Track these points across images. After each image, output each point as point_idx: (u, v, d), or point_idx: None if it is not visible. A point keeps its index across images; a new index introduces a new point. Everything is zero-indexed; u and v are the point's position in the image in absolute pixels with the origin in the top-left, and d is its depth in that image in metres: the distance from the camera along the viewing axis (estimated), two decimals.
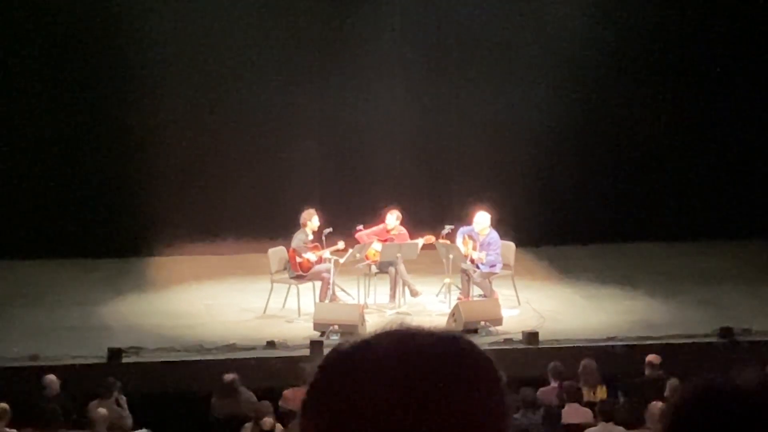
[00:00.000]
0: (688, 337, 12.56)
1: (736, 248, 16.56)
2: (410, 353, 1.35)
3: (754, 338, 12.55)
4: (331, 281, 13.24)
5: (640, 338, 12.45)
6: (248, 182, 16.68)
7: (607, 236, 16.89)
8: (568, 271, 15.43)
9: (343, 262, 13.30)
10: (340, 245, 13.34)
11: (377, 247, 13.48)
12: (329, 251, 13.34)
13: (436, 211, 15.35)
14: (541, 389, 10.78)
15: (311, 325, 12.60)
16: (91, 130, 16.34)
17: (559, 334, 12.65)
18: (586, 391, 10.76)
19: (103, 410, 10.03)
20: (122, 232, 16.22)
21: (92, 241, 16.01)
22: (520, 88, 16.93)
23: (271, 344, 12.18)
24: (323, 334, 12.34)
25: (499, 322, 12.72)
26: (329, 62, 16.69)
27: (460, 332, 1.44)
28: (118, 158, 16.38)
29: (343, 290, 13.73)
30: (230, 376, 10.81)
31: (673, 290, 14.40)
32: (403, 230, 13.79)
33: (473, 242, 13.51)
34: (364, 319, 12.53)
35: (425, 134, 17.04)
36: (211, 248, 16.28)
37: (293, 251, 13.41)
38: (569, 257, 16.13)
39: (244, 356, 11.94)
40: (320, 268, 13.39)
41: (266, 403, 10.28)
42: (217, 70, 16.53)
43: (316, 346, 11.66)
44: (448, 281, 13.47)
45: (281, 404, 10.57)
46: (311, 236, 13.46)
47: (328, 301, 13.19)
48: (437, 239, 13.61)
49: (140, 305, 13.95)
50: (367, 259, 13.53)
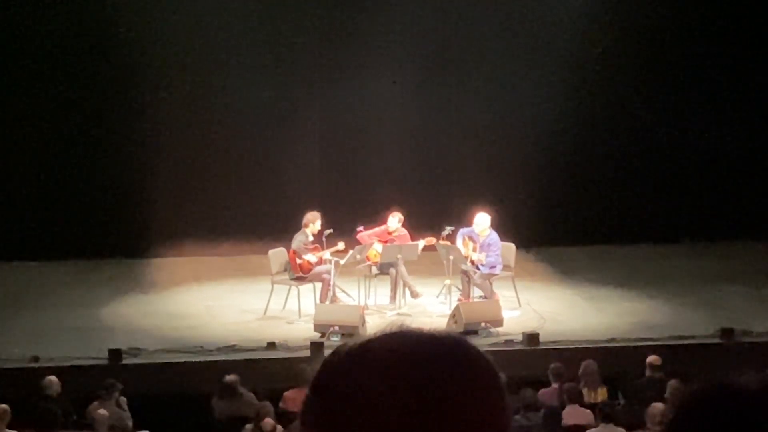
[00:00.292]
0: (688, 338, 12.56)
1: (736, 249, 16.56)
2: (410, 355, 1.35)
3: (754, 339, 12.54)
4: (331, 282, 13.23)
5: (640, 339, 12.44)
6: (249, 183, 16.68)
7: (607, 237, 16.89)
8: (568, 272, 15.42)
9: (343, 263, 13.30)
10: (340, 246, 13.34)
11: (378, 248, 13.47)
12: (329, 252, 13.34)
13: (436, 212, 15.34)
14: (541, 390, 10.78)
15: (312, 326, 12.60)
16: (92, 131, 16.34)
17: (559, 335, 12.65)
18: (586, 392, 10.77)
19: (103, 411, 10.03)
20: (123, 233, 16.21)
21: (93, 242, 16.01)
22: (520, 89, 16.92)
23: (271, 345, 12.18)
24: (324, 335, 12.33)
25: (499, 323, 12.72)
26: (330, 64, 16.69)
27: (459, 334, 1.44)
28: (119, 159, 16.38)
29: (343, 291, 13.72)
30: (231, 377, 10.80)
31: (673, 291, 14.40)
32: (404, 231, 13.78)
33: (473, 243, 13.51)
34: (364, 320, 12.53)
35: (426, 135, 17.04)
36: (211, 249, 16.28)
37: (293, 252, 13.41)
38: (570, 258, 16.13)
39: (244, 357, 11.94)
40: (321, 269, 13.38)
41: (267, 404, 10.28)
42: (217, 71, 16.53)
43: (316, 347, 11.65)
44: (448, 282, 13.46)
45: (282, 405, 10.57)
46: (311, 238, 13.46)
47: (328, 302, 13.18)
48: (437, 240, 13.61)
49: (141, 306, 13.95)
50: (367, 260, 13.53)
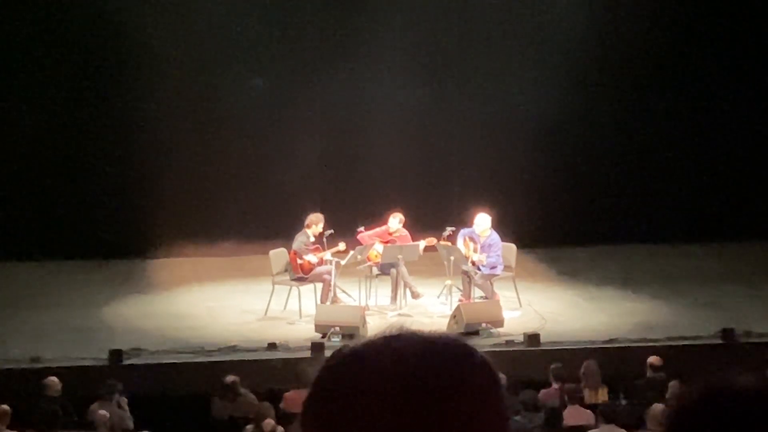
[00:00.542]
0: (689, 338, 12.55)
1: (737, 250, 16.57)
2: (410, 357, 1.36)
3: (755, 340, 12.54)
4: (332, 283, 13.24)
5: (641, 340, 12.44)
6: (250, 184, 16.68)
7: (608, 238, 16.89)
8: (569, 272, 15.43)
9: (344, 263, 13.30)
10: (341, 247, 13.34)
11: (379, 248, 13.47)
12: (330, 253, 13.34)
13: (436, 212, 15.35)
14: (542, 391, 10.78)
15: (312, 326, 12.60)
16: (92, 131, 16.35)
17: (560, 335, 12.65)
18: (587, 392, 10.77)
19: (104, 412, 10.03)
20: (124, 233, 16.22)
21: (94, 242, 16.01)
22: (521, 89, 16.93)
23: (272, 346, 12.17)
24: (324, 335, 12.33)
25: (500, 323, 12.72)
26: (330, 65, 16.69)
27: (458, 335, 1.45)
28: (119, 160, 16.39)
29: (344, 292, 13.73)
30: (231, 377, 10.81)
31: (674, 292, 14.40)
32: (404, 232, 13.78)
33: (474, 244, 13.51)
34: (365, 320, 12.53)
35: (426, 136, 17.04)
36: (212, 250, 16.29)
37: (294, 253, 13.41)
38: (570, 259, 16.13)
39: (245, 358, 11.94)
40: (321, 269, 13.39)
41: (267, 404, 10.28)
42: (218, 72, 16.54)
43: (317, 347, 11.66)
44: (449, 283, 13.47)
45: (282, 406, 10.56)
46: (313, 239, 13.46)
47: (329, 302, 13.19)
48: (438, 241, 13.61)
49: (142, 307, 13.95)
50: (368, 260, 13.53)
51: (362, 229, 13.74)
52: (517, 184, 16.86)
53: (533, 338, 12.28)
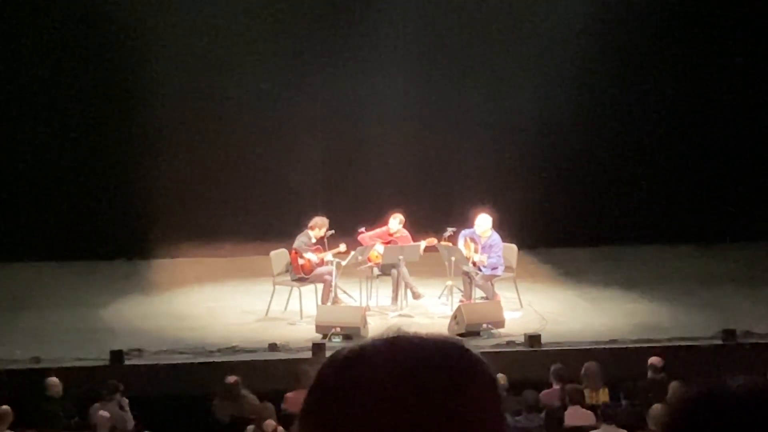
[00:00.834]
0: (690, 339, 12.55)
1: (738, 251, 16.56)
2: (407, 359, 1.36)
3: (756, 341, 12.54)
4: (333, 283, 13.24)
5: (642, 341, 12.44)
6: (250, 184, 16.69)
7: (609, 239, 16.89)
8: (570, 273, 15.43)
9: (345, 264, 13.31)
10: (342, 248, 13.34)
11: (379, 249, 13.47)
12: (331, 254, 13.34)
13: (437, 213, 15.35)
14: (543, 392, 10.78)
15: (313, 327, 12.60)
16: (93, 132, 16.35)
17: (561, 336, 12.64)
18: (588, 393, 10.76)
19: (105, 413, 10.04)
20: (124, 234, 16.23)
21: (94, 243, 16.02)
22: (522, 89, 16.93)
23: (273, 347, 12.18)
24: (325, 336, 12.33)
25: (501, 324, 12.72)
26: (331, 64, 16.70)
27: (456, 337, 1.45)
28: (120, 160, 16.40)
29: (345, 292, 13.73)
30: (232, 378, 10.81)
31: (675, 293, 14.40)
32: (405, 232, 13.79)
33: (475, 245, 13.51)
34: (366, 321, 12.53)
35: (427, 136, 17.04)
36: (213, 251, 16.29)
37: (295, 252, 13.41)
38: (571, 260, 16.13)
39: (246, 359, 11.94)
40: (322, 270, 13.39)
41: (268, 405, 10.28)
42: (219, 72, 16.53)
43: (318, 348, 11.66)
44: (450, 284, 13.47)
45: (283, 407, 10.56)
46: (314, 240, 13.46)
47: (330, 303, 13.19)
48: (439, 242, 13.61)
49: (142, 307, 13.96)
50: (369, 261, 13.53)
51: (363, 229, 13.74)
52: (517, 184, 16.85)
53: (534, 339, 12.27)
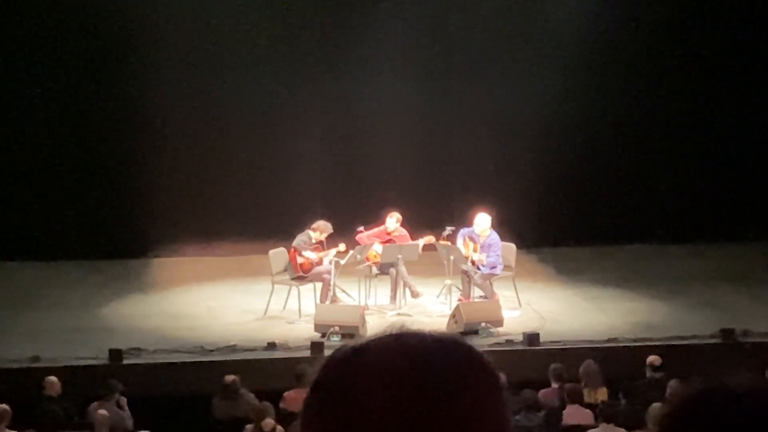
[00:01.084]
0: (689, 338, 12.56)
1: (736, 250, 16.56)
2: (411, 356, 1.36)
3: (755, 339, 12.55)
4: (331, 282, 13.24)
5: (641, 339, 12.44)
6: (250, 184, 16.69)
7: (608, 238, 16.89)
8: (568, 272, 15.43)
9: (343, 263, 13.31)
10: (341, 248, 13.35)
11: (378, 249, 13.48)
12: (331, 254, 13.33)
13: (436, 212, 15.35)
14: (542, 391, 10.78)
15: (312, 326, 12.60)
16: (92, 131, 16.34)
17: (560, 335, 12.65)
18: (587, 392, 10.77)
19: (104, 412, 10.03)
20: (123, 233, 16.23)
21: (93, 242, 16.02)
22: (521, 89, 16.93)
23: (272, 345, 12.18)
24: (324, 335, 12.34)
25: (499, 323, 12.72)
26: (330, 64, 16.70)
27: (459, 335, 1.45)
28: (119, 159, 16.39)
29: (343, 291, 13.73)
30: (231, 377, 10.81)
31: (674, 292, 14.40)
32: (403, 231, 13.79)
33: (474, 244, 13.52)
34: (364, 320, 12.53)
35: (426, 135, 17.04)
36: (212, 250, 16.29)
37: (294, 250, 13.41)
38: (570, 259, 16.13)
39: (245, 357, 11.95)
40: (321, 269, 13.39)
41: (267, 404, 10.27)
42: (219, 71, 16.53)
43: (316, 347, 11.67)
44: (448, 282, 13.47)
45: (282, 406, 10.56)
46: (314, 240, 13.46)
47: (328, 302, 13.19)
48: (438, 240, 13.62)
49: (141, 306, 13.96)
50: (367, 260, 13.53)
51: (362, 228, 13.74)
52: (517, 183, 16.86)
53: (533, 338, 12.28)
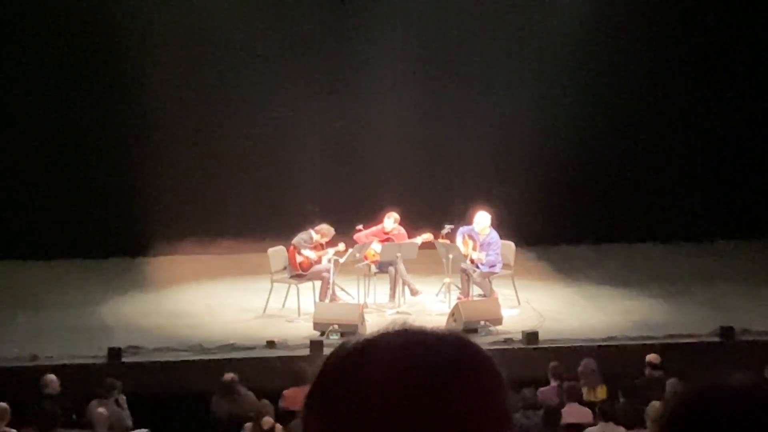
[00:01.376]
0: (688, 337, 12.56)
1: (736, 248, 16.57)
2: (413, 353, 1.36)
3: (754, 338, 12.55)
4: (331, 281, 13.24)
5: (640, 338, 12.44)
6: (249, 182, 16.68)
7: (607, 236, 16.89)
8: (568, 271, 15.42)
9: (342, 261, 13.31)
10: (340, 247, 13.35)
11: (376, 247, 13.48)
12: (331, 254, 13.32)
13: (436, 210, 15.35)
14: (541, 389, 10.79)
15: (311, 324, 12.60)
16: (91, 130, 16.32)
17: (559, 333, 12.65)
18: (586, 391, 10.77)
19: (102, 410, 10.03)
20: (122, 231, 16.20)
21: (92, 241, 16.00)
22: (520, 88, 16.91)
23: (271, 344, 12.18)
24: (323, 333, 12.34)
25: (499, 321, 12.72)
26: (330, 63, 16.69)
27: (461, 332, 1.45)
28: (118, 158, 16.37)
29: (343, 290, 13.73)
30: (230, 375, 10.81)
31: (673, 290, 14.40)
32: (401, 230, 13.79)
33: (473, 242, 13.52)
34: (364, 318, 12.53)
35: (425, 134, 17.03)
36: (211, 248, 16.27)
37: (293, 248, 13.40)
38: (569, 257, 16.12)
39: (244, 356, 11.94)
40: (320, 267, 13.39)
41: (266, 402, 10.28)
42: (217, 70, 16.52)
43: (316, 345, 11.67)
44: (447, 281, 13.47)
45: (281, 404, 10.57)
46: (313, 241, 13.46)
47: (328, 300, 13.19)
48: (437, 239, 13.62)
49: (140, 305, 13.95)
50: (365, 259, 13.53)
51: (361, 227, 13.74)
52: (516, 182, 16.85)
53: (532, 336, 12.28)
